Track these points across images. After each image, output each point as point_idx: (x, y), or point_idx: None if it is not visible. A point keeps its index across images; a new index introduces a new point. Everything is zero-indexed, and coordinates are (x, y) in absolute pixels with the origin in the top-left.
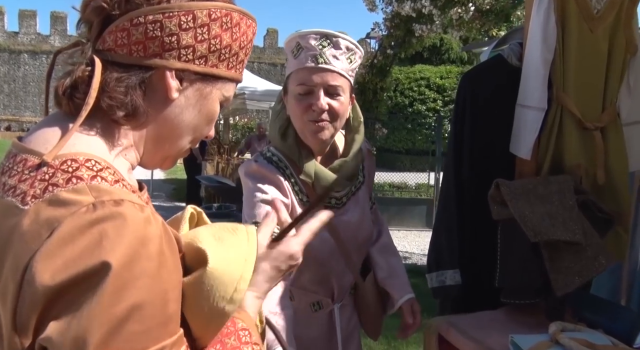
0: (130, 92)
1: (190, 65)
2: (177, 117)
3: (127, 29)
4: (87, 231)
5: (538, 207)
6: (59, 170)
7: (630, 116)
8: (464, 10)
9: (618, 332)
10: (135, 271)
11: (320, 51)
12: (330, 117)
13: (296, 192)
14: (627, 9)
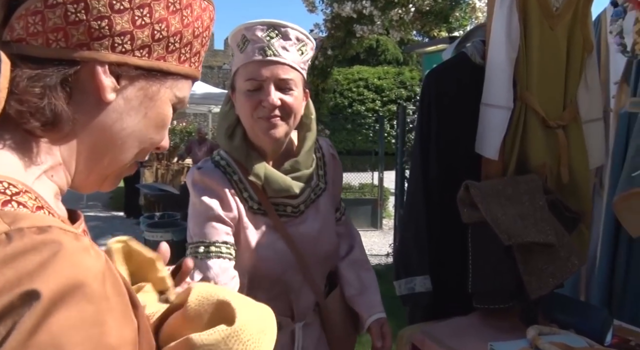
0: (48, 95)
1: (128, 58)
2: (116, 124)
3: (40, 11)
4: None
5: (509, 209)
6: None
7: (588, 114)
8: (405, 11)
9: (589, 332)
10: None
11: (268, 43)
12: (283, 113)
13: (245, 199)
14: (583, 7)
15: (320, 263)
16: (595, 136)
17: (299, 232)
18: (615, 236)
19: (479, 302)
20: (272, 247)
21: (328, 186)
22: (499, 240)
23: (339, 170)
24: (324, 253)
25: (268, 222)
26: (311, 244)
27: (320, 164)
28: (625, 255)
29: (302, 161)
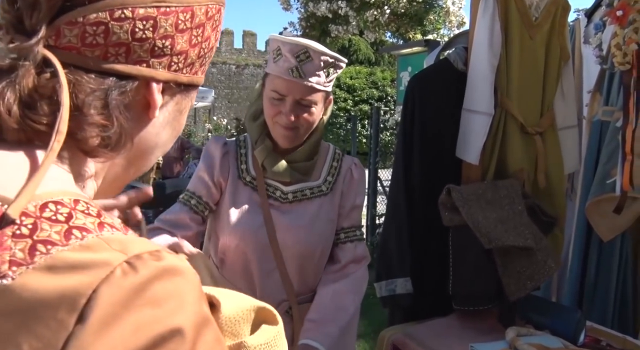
0: (112, 114)
1: (178, 76)
2: (154, 138)
3: (105, 23)
4: (135, 302)
5: (490, 213)
6: (41, 219)
7: (564, 121)
8: (380, 13)
9: (563, 332)
10: (206, 338)
11: (297, 64)
12: (299, 125)
13: (241, 170)
14: (560, 18)
15: (294, 257)
16: (570, 143)
17: (280, 218)
18: (586, 239)
19: (459, 304)
20: (251, 219)
21: (332, 194)
22: (479, 244)
23: (353, 188)
24: (298, 249)
25: (256, 197)
26: (288, 235)
27: (333, 171)
28: (595, 258)
29: (302, 153)
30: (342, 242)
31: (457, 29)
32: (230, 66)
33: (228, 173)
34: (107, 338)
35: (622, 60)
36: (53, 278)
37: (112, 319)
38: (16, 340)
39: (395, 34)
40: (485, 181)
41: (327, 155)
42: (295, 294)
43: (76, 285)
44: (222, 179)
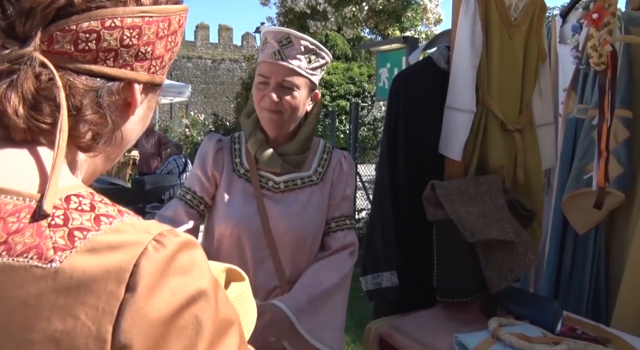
0: (105, 112)
1: (154, 77)
2: (130, 134)
3: (97, 31)
4: (168, 271)
5: (472, 208)
6: (69, 210)
7: (541, 119)
8: (358, 9)
9: (542, 322)
10: (221, 296)
11: (280, 48)
12: (282, 108)
13: (235, 163)
14: (538, 18)
15: (286, 244)
16: (547, 139)
17: (273, 207)
18: (562, 233)
19: (443, 296)
20: (245, 208)
21: (322, 184)
22: (462, 238)
23: (343, 179)
24: (290, 236)
25: (249, 188)
26: (280, 223)
27: (323, 163)
28: (571, 250)
29: (293, 146)
30: (333, 230)
31: (434, 26)
32: (206, 61)
33: (222, 167)
34: (154, 301)
35: (598, 60)
36: (96, 258)
37: (155, 286)
38: (73, 312)
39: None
40: (468, 177)
41: (317, 149)
42: (288, 281)
43: (118, 262)
44: (216, 172)
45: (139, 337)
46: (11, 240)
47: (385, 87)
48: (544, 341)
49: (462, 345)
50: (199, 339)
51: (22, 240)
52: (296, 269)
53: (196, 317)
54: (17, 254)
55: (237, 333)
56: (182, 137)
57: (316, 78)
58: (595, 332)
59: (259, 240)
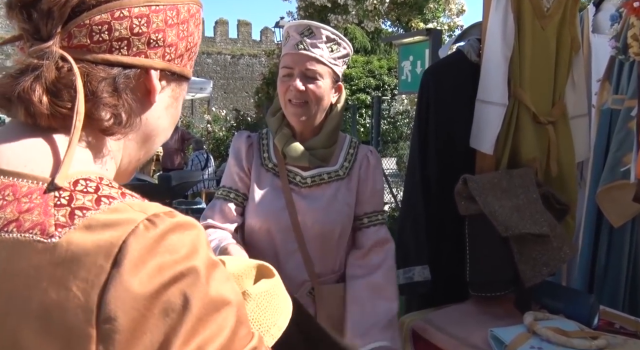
0: (121, 96)
1: (171, 65)
2: (157, 121)
3: (107, 22)
4: (156, 250)
5: (505, 202)
6: (75, 192)
7: (575, 110)
8: (380, 2)
9: (577, 316)
10: (216, 275)
11: (301, 39)
12: (307, 98)
13: (263, 158)
14: (571, 8)
15: (314, 238)
16: (580, 131)
17: (300, 201)
18: (597, 225)
19: (476, 290)
20: (274, 202)
21: (348, 178)
22: (495, 232)
23: (371, 173)
24: (318, 230)
25: (277, 182)
26: (309, 219)
27: (349, 158)
28: (606, 243)
29: (319, 140)
30: (366, 226)
31: (457, 17)
32: (225, 56)
33: (252, 160)
34: (139, 276)
35: (639, 50)
36: (90, 235)
37: (140, 262)
38: (66, 284)
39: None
40: (500, 170)
41: (344, 143)
42: (317, 275)
43: (109, 238)
44: (249, 166)
45: (123, 309)
46: (22, 218)
47: (408, 80)
48: (582, 336)
49: (498, 340)
50: (186, 314)
51: (31, 218)
52: (325, 263)
53: (184, 293)
54: (25, 230)
55: (233, 314)
56: (204, 133)
57: (339, 69)
58: (634, 327)
59: (287, 234)
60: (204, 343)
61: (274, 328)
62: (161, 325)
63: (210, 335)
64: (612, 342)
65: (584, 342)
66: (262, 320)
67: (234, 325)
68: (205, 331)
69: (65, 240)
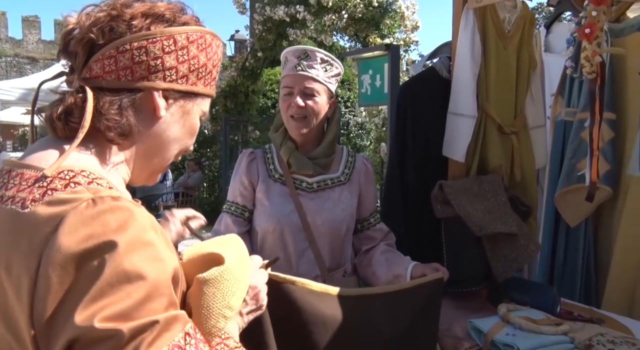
0: (124, 114)
1: (174, 85)
2: (165, 132)
3: (113, 56)
4: (90, 223)
5: (478, 205)
6: (56, 178)
7: (534, 121)
8: (338, 17)
9: (542, 307)
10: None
11: (299, 62)
12: (306, 113)
13: (270, 170)
14: (528, 30)
15: (323, 236)
16: (539, 140)
17: (308, 204)
18: (555, 225)
19: (453, 287)
20: (284, 206)
21: (349, 183)
22: (469, 232)
23: (370, 178)
24: (327, 228)
25: (285, 189)
26: (317, 217)
27: (349, 165)
28: (564, 241)
29: (321, 150)
30: (373, 224)
31: (412, 32)
32: None
33: (258, 174)
34: (69, 240)
35: (590, 70)
36: (49, 208)
37: (73, 230)
38: (19, 246)
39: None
40: (471, 177)
41: (342, 153)
42: (328, 269)
43: (58, 212)
44: (252, 179)
45: (53, 267)
46: (16, 195)
47: (368, 93)
48: (548, 323)
49: (477, 330)
50: (99, 277)
51: (21, 196)
52: (334, 258)
53: (102, 260)
54: (13, 203)
55: (144, 288)
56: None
57: (332, 87)
58: (589, 314)
59: (298, 233)
60: (107, 304)
61: (226, 310)
62: (79, 284)
63: (116, 299)
64: (573, 328)
65: (551, 328)
66: (213, 303)
67: (142, 297)
68: (112, 295)
69: (32, 211)
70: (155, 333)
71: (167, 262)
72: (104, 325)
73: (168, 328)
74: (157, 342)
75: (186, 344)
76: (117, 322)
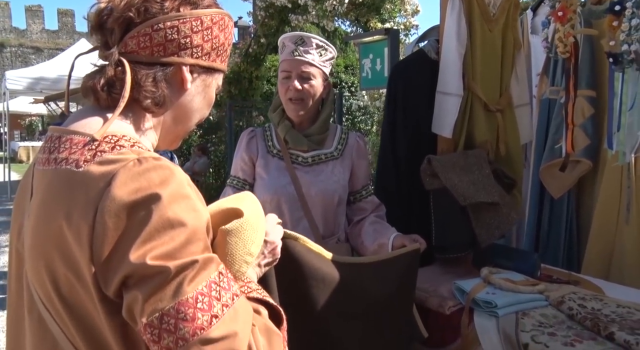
0: (159, 85)
1: (199, 61)
2: (190, 103)
3: (149, 34)
4: (137, 179)
5: (463, 177)
6: (103, 142)
7: (518, 100)
8: (339, 2)
9: (524, 271)
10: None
11: (295, 47)
12: (303, 96)
13: (268, 145)
14: (513, 13)
15: (317, 206)
16: (524, 118)
17: (304, 176)
18: (540, 197)
19: (441, 253)
20: (281, 179)
21: (342, 158)
22: (455, 202)
23: (362, 153)
24: (320, 199)
25: (282, 164)
26: (311, 188)
27: (342, 142)
28: (548, 212)
29: (315, 128)
30: (365, 197)
31: (412, 17)
32: None
33: (257, 150)
34: (121, 192)
35: (564, 49)
36: (100, 167)
37: (124, 184)
38: (77, 199)
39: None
40: (458, 151)
41: (335, 131)
42: (322, 237)
43: (109, 169)
44: (252, 155)
45: (109, 214)
46: (69, 157)
47: (369, 77)
48: (526, 283)
49: (460, 290)
50: (147, 224)
51: (73, 157)
52: (327, 226)
53: (149, 209)
54: (68, 164)
55: (185, 233)
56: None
57: (327, 70)
58: (567, 277)
59: (294, 203)
60: (156, 245)
61: (247, 256)
62: (131, 229)
63: (162, 242)
64: (549, 287)
65: (528, 288)
66: (236, 251)
67: (183, 240)
68: (159, 239)
69: (86, 170)
70: (195, 271)
71: (201, 213)
72: (154, 262)
73: (205, 267)
74: (197, 279)
75: (220, 281)
76: (164, 261)
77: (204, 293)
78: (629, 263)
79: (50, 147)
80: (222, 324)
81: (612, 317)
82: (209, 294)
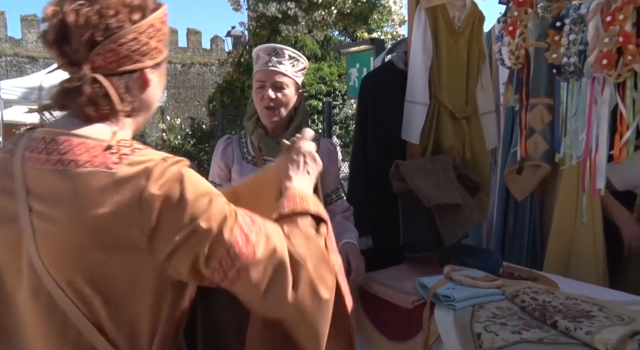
0: (132, 92)
1: (157, 60)
2: (152, 95)
3: (114, 49)
4: (168, 170)
5: (429, 180)
6: (120, 147)
7: (484, 108)
8: (327, 13)
9: (487, 268)
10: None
11: (269, 58)
12: (277, 104)
13: (243, 152)
14: (477, 26)
15: None
16: (489, 125)
17: None
18: (506, 200)
19: (408, 252)
20: None
21: None
22: (421, 204)
23: (333, 159)
24: None
25: (256, 169)
26: None
27: None
28: (513, 214)
29: (287, 135)
30: (334, 200)
31: (399, 26)
32: (175, 65)
33: (233, 157)
34: (159, 183)
35: (516, 61)
36: (132, 167)
37: (159, 177)
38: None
39: (342, 33)
40: (425, 157)
41: None
42: None
43: (144, 167)
44: (228, 162)
45: (152, 201)
46: (93, 160)
47: (356, 86)
48: (485, 279)
49: (423, 285)
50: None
51: (98, 160)
52: None
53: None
54: (94, 165)
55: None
56: (159, 142)
57: (299, 80)
58: (527, 274)
59: None
60: (196, 212)
61: None
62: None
63: (198, 209)
64: (507, 283)
65: (486, 283)
66: None
67: (212, 203)
68: (198, 206)
69: (119, 171)
70: (231, 221)
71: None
72: (203, 224)
73: (233, 216)
74: (234, 227)
75: (246, 221)
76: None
77: (241, 232)
78: (585, 261)
79: (48, 148)
80: (261, 247)
81: (560, 308)
82: (244, 233)
